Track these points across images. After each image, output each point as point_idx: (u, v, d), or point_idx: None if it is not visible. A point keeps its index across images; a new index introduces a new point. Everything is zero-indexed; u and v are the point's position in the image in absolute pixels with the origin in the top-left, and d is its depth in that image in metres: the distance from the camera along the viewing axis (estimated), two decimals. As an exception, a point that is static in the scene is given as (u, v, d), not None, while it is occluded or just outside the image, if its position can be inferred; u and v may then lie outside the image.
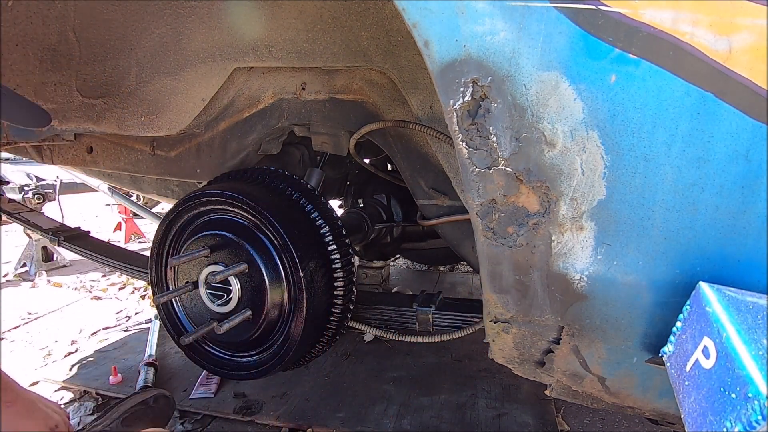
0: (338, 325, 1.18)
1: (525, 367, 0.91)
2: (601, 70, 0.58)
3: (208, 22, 1.05)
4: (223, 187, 1.11)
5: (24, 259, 3.31)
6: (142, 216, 3.49)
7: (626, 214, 0.63)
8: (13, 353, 2.09)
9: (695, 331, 0.56)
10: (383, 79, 1.06)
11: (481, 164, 0.66)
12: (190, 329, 1.20)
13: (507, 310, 0.79)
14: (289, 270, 1.06)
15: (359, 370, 1.93)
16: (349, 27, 0.96)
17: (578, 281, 0.69)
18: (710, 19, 0.54)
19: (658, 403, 0.81)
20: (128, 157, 1.42)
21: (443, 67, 0.62)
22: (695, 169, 0.59)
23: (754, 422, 0.43)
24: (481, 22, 0.59)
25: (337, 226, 1.17)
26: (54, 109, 1.22)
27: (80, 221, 5.43)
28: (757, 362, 0.45)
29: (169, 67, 1.11)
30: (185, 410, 1.63)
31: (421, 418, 1.60)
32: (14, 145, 1.47)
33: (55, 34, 1.17)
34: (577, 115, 0.60)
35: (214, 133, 1.25)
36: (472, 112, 0.63)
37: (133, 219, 4.31)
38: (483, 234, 0.71)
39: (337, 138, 1.20)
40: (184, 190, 1.85)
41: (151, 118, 1.17)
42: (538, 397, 1.71)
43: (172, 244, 1.21)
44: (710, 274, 0.63)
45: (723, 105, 0.56)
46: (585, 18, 0.57)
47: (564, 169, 0.63)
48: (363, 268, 2.75)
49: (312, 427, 1.55)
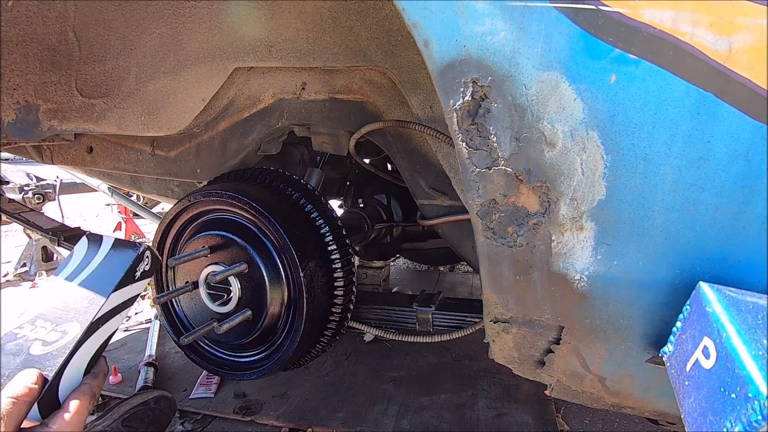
0: (338, 325, 1.18)
1: (525, 367, 0.91)
2: (601, 70, 0.58)
3: (208, 22, 1.05)
4: (223, 187, 1.11)
5: (24, 259, 3.31)
6: (142, 216, 3.49)
7: (626, 214, 0.63)
8: (13, 353, 2.09)
9: (695, 331, 0.56)
10: (383, 79, 1.06)
11: (481, 164, 0.66)
12: (190, 329, 1.20)
13: (507, 310, 0.79)
14: (289, 270, 1.06)
15: (359, 370, 1.93)
16: (349, 27, 0.96)
17: (578, 281, 0.69)
18: (710, 19, 0.54)
19: (658, 403, 0.81)
20: (128, 157, 1.42)
21: (443, 67, 0.62)
22: (695, 169, 0.59)
23: (754, 422, 0.43)
24: (481, 22, 0.59)
25: (337, 226, 1.17)
26: (54, 109, 1.22)
27: (80, 221, 5.43)
28: (757, 362, 0.45)
29: (169, 67, 1.11)
30: (185, 410, 1.63)
31: (421, 418, 1.60)
32: (14, 145, 1.46)
33: (55, 34, 1.17)
34: (577, 115, 0.60)
35: (214, 133, 1.25)
36: (472, 112, 0.63)
37: (133, 219, 4.31)
38: (483, 234, 0.71)
39: (337, 138, 1.20)
40: (184, 190, 1.85)
41: (151, 118, 1.17)
42: (538, 397, 1.71)
43: (172, 244, 1.21)
44: (710, 274, 0.63)
45: (723, 105, 0.56)
46: (585, 18, 0.57)
47: (564, 169, 0.63)
48: (363, 268, 2.75)
49: (312, 427, 1.55)
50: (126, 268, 0.69)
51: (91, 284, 0.69)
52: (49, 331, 0.64)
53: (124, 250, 0.72)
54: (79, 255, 0.72)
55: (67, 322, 0.65)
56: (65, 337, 0.63)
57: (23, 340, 0.64)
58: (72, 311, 0.66)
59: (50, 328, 0.64)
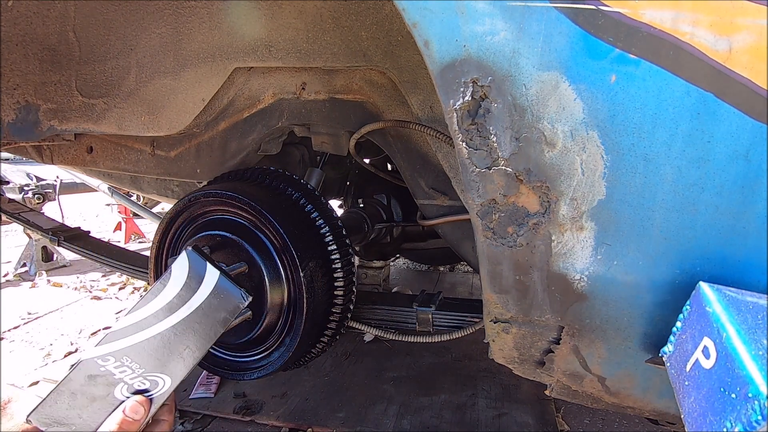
0: (338, 325, 1.18)
1: (525, 367, 0.91)
2: (601, 70, 0.58)
3: (208, 22, 1.05)
4: (223, 187, 1.11)
5: (24, 259, 3.31)
6: (142, 216, 3.49)
7: (626, 214, 0.63)
8: (13, 353, 2.09)
9: (695, 331, 0.56)
10: (383, 79, 1.06)
11: (481, 164, 0.66)
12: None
13: (507, 310, 0.79)
14: (289, 270, 1.06)
15: (359, 370, 1.93)
16: (349, 27, 0.96)
17: (578, 281, 0.69)
18: (710, 19, 0.54)
19: (658, 403, 0.81)
20: (128, 157, 1.42)
21: (443, 67, 0.62)
22: (695, 169, 0.59)
23: (754, 422, 0.43)
24: (481, 22, 0.59)
25: (337, 226, 1.17)
26: (54, 109, 1.22)
27: (80, 221, 5.43)
28: (757, 362, 0.45)
29: (169, 67, 1.11)
30: (185, 410, 1.63)
31: (421, 418, 1.60)
32: (14, 145, 1.46)
33: (55, 34, 1.17)
34: (577, 115, 0.60)
35: (214, 133, 1.25)
36: (472, 112, 0.63)
37: (133, 219, 4.31)
38: (483, 234, 0.71)
39: (337, 138, 1.20)
40: (184, 190, 1.85)
41: (151, 118, 1.17)
42: (538, 397, 1.71)
43: (172, 244, 1.21)
44: (710, 274, 0.63)
45: (723, 105, 0.56)
46: (585, 18, 0.57)
47: (564, 169, 0.63)
48: (363, 268, 2.75)
49: (312, 427, 1.55)
50: (227, 323, 0.64)
51: (188, 330, 0.62)
52: (137, 377, 0.60)
53: (229, 295, 0.65)
54: (179, 280, 0.65)
55: (157, 372, 0.60)
56: (155, 390, 0.59)
57: (107, 376, 0.59)
58: (164, 359, 0.61)
59: (138, 372, 0.60)
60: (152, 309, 0.63)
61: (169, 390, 0.60)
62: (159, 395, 0.60)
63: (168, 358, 0.61)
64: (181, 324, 0.63)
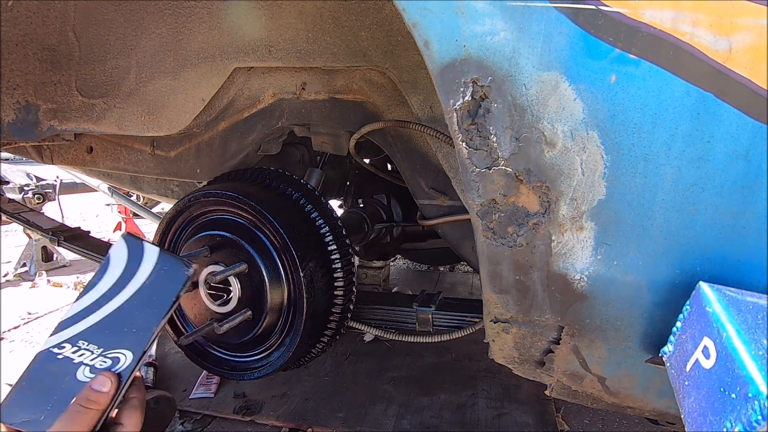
0: (338, 325, 1.18)
1: (525, 367, 0.91)
2: (601, 70, 0.58)
3: (208, 22, 1.05)
4: (223, 187, 1.11)
5: (24, 259, 3.31)
6: (142, 216, 3.49)
7: (626, 214, 0.63)
8: (13, 353, 2.09)
9: (695, 331, 0.56)
10: (383, 79, 1.06)
11: (481, 164, 0.66)
12: (190, 329, 1.20)
13: (507, 310, 0.79)
14: (289, 270, 1.06)
15: (359, 370, 1.93)
16: (349, 27, 0.96)
17: (578, 281, 0.69)
18: (710, 19, 0.54)
19: (658, 403, 0.81)
20: (128, 157, 1.42)
21: (443, 67, 0.62)
22: (695, 169, 0.59)
23: (754, 422, 0.43)
24: (481, 22, 0.59)
25: (337, 226, 1.17)
26: (54, 109, 1.22)
27: (80, 221, 5.43)
28: (757, 362, 0.45)
29: (169, 67, 1.11)
30: (185, 410, 1.63)
31: (421, 418, 1.60)
32: (14, 145, 1.46)
33: (55, 34, 1.17)
34: (577, 115, 0.60)
35: (214, 133, 1.25)
36: (472, 112, 0.63)
37: (133, 219, 4.30)
38: (483, 234, 0.71)
39: (337, 138, 1.20)
40: (184, 190, 1.85)
41: (151, 118, 1.17)
42: (538, 397, 1.71)
43: (172, 244, 1.21)
44: (710, 274, 0.62)
45: (723, 105, 0.56)
46: (585, 18, 0.57)
47: (564, 169, 0.63)
48: (363, 268, 2.75)
49: (312, 427, 1.55)
50: (177, 292, 0.63)
51: (140, 306, 0.63)
52: (96, 357, 0.60)
53: (172, 267, 0.65)
54: (119, 263, 0.65)
55: (116, 348, 0.60)
56: (117, 366, 0.60)
57: (66, 362, 0.59)
58: (120, 336, 0.61)
59: (97, 353, 0.60)
60: (99, 292, 0.64)
61: (134, 362, 0.60)
62: (124, 368, 0.60)
63: (125, 333, 0.61)
64: (131, 300, 0.63)
